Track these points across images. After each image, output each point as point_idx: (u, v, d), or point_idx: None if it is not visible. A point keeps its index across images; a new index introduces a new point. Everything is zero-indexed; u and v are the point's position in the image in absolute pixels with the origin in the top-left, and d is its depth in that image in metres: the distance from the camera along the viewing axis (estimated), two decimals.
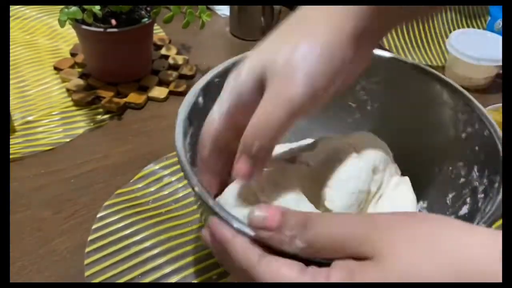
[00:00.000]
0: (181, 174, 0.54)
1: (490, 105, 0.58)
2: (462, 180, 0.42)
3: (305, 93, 0.31)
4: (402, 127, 0.47)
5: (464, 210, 0.40)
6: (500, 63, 0.70)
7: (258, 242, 0.27)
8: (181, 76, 0.72)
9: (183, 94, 0.68)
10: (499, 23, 0.82)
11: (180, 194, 0.53)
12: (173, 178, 0.55)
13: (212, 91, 0.40)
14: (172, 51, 0.76)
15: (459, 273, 0.23)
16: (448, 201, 0.43)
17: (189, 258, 0.46)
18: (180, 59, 0.74)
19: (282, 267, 0.26)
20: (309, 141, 0.45)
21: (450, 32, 0.83)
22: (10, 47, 0.73)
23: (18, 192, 0.52)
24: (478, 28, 0.88)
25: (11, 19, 0.80)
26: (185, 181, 0.54)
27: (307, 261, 0.26)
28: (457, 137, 0.43)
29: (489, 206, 0.36)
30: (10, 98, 0.64)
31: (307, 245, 0.26)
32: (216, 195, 0.37)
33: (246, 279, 0.27)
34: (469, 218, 0.38)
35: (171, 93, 0.68)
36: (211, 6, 0.90)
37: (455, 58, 0.71)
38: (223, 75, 0.40)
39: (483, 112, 0.41)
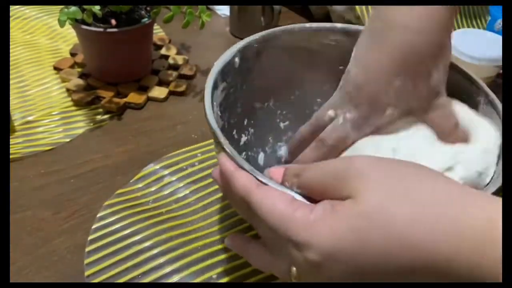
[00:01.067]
0: (181, 174, 0.55)
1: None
2: None
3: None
4: None
5: None
6: (500, 63, 0.70)
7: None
8: (181, 76, 0.72)
9: (183, 94, 0.68)
10: (499, 23, 0.82)
11: (181, 194, 0.53)
12: (174, 178, 0.55)
13: (249, 54, 0.45)
14: (172, 51, 0.76)
15: (434, 225, 0.24)
16: None
17: (189, 258, 0.46)
18: (180, 59, 0.74)
19: (275, 196, 0.29)
20: None
21: None
22: (10, 47, 0.73)
23: (18, 192, 0.52)
24: (478, 28, 0.88)
25: (11, 19, 0.80)
26: (185, 181, 0.54)
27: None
28: None
29: None
30: (10, 98, 0.64)
31: (300, 190, 0.30)
32: None
33: (244, 208, 0.31)
34: None
35: (171, 93, 0.68)
36: (211, 6, 0.90)
37: (455, 58, 0.71)
38: (262, 41, 0.46)
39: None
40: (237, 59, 0.44)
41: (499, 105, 0.42)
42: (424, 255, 0.24)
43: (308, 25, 0.48)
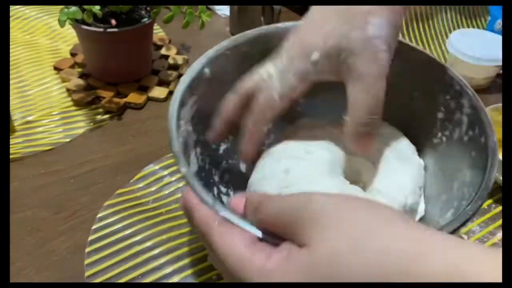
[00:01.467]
0: (181, 174, 0.55)
1: (490, 105, 0.58)
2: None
3: (388, 64, 0.34)
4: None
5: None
6: (500, 63, 0.70)
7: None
8: (181, 76, 0.71)
9: None
10: (499, 23, 0.82)
11: (181, 194, 0.53)
12: (173, 178, 0.55)
13: (220, 63, 0.42)
14: (172, 51, 0.76)
15: (386, 274, 0.23)
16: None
17: (190, 258, 0.46)
18: (180, 59, 0.74)
19: (234, 237, 0.28)
20: None
21: (450, 32, 0.83)
22: (10, 47, 0.73)
23: (18, 192, 0.52)
24: (478, 28, 0.88)
25: (11, 19, 0.80)
26: (185, 181, 0.54)
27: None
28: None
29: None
30: (10, 98, 0.64)
31: (259, 227, 0.28)
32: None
33: (205, 242, 0.30)
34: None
35: (171, 93, 0.68)
36: (211, 6, 0.90)
37: (455, 58, 0.71)
38: (233, 49, 0.44)
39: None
40: (207, 70, 0.42)
41: (483, 110, 0.40)
42: None
43: (269, 27, 0.47)
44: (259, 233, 0.28)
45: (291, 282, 0.25)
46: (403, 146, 0.44)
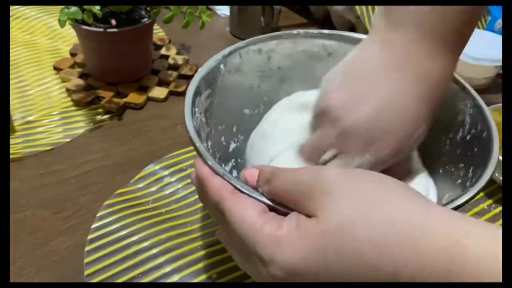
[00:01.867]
0: (181, 174, 0.55)
1: (490, 105, 0.58)
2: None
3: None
4: None
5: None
6: (500, 63, 0.70)
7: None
8: (181, 76, 0.72)
9: (183, 94, 0.68)
10: (499, 23, 0.82)
11: (180, 194, 0.53)
12: (173, 179, 0.55)
13: (233, 61, 0.45)
14: (172, 51, 0.76)
15: (389, 243, 0.24)
16: None
17: (189, 258, 0.46)
18: (180, 59, 0.74)
19: (247, 205, 0.29)
20: None
21: None
22: (10, 47, 0.73)
23: (18, 192, 0.52)
24: (478, 28, 0.88)
25: (11, 19, 0.80)
26: (185, 182, 0.54)
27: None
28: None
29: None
30: (10, 98, 0.64)
31: (271, 197, 0.30)
32: None
33: (217, 214, 0.31)
34: None
35: (171, 93, 0.68)
36: (211, 6, 0.90)
37: None
38: (246, 46, 0.46)
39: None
40: (222, 66, 0.44)
41: (486, 111, 0.41)
42: (385, 273, 0.24)
43: (301, 31, 0.48)
44: (269, 203, 0.30)
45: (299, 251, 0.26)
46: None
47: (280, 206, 0.29)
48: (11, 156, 0.55)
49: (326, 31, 0.48)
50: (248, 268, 0.31)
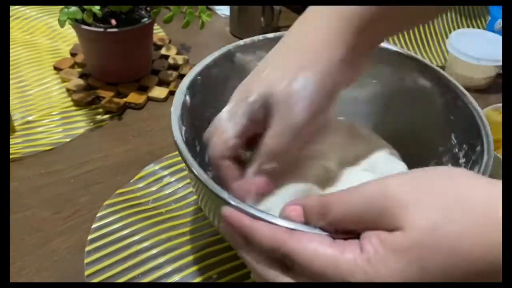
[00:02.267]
0: (181, 174, 0.55)
1: (490, 105, 0.58)
2: (441, 148, 0.44)
3: (305, 118, 0.35)
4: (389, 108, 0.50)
5: None
6: (500, 63, 0.70)
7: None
8: (181, 76, 0.72)
9: None
10: (499, 23, 0.82)
11: (180, 194, 0.53)
12: (173, 179, 0.55)
13: (196, 89, 0.43)
14: (172, 51, 0.76)
15: (477, 231, 0.24)
16: None
17: (189, 258, 0.46)
18: (180, 59, 0.74)
19: (313, 240, 0.28)
20: None
21: (450, 32, 0.83)
22: (10, 47, 0.73)
23: (18, 192, 0.52)
24: (478, 28, 0.88)
25: (11, 19, 0.80)
26: (185, 181, 0.54)
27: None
28: (432, 108, 0.46)
29: (476, 168, 0.37)
30: (10, 98, 0.64)
31: (332, 227, 0.28)
32: None
33: (273, 264, 0.29)
34: None
35: (171, 93, 0.68)
36: (211, 6, 0.90)
37: (455, 58, 0.71)
38: (205, 72, 0.44)
39: (454, 83, 0.44)
40: (187, 98, 0.42)
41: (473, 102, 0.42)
42: (481, 259, 0.24)
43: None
44: (325, 234, 0.28)
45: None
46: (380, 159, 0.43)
47: (343, 234, 0.28)
48: (11, 156, 0.55)
49: None
50: None
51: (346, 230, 0.28)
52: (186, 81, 0.43)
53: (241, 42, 0.48)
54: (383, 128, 0.48)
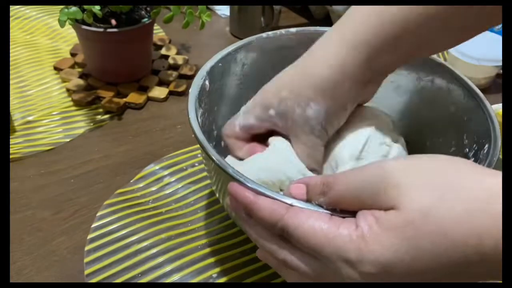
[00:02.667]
0: (181, 174, 0.55)
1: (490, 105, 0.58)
2: (453, 149, 0.44)
3: (322, 135, 0.40)
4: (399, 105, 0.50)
5: None
6: (500, 63, 0.70)
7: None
8: (181, 76, 0.72)
9: (183, 94, 0.68)
10: None
11: (180, 194, 0.53)
12: (173, 179, 0.55)
13: (216, 74, 0.45)
14: (172, 51, 0.76)
15: (470, 218, 0.25)
16: None
17: (189, 257, 0.46)
18: (180, 59, 0.74)
19: (312, 216, 0.29)
20: None
21: None
22: (10, 47, 0.73)
23: (18, 192, 0.52)
24: None
25: (11, 19, 0.80)
26: (185, 181, 0.54)
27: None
28: (446, 110, 0.46)
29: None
30: (10, 98, 0.64)
31: (332, 205, 0.30)
32: None
33: (270, 235, 0.31)
34: None
35: (171, 93, 0.68)
36: (211, 6, 0.90)
37: (455, 58, 0.71)
38: (226, 59, 0.47)
39: (469, 83, 0.45)
40: (207, 82, 0.44)
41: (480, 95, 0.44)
42: (472, 246, 0.25)
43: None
44: (326, 211, 0.30)
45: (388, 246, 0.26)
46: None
47: (341, 212, 0.29)
48: (11, 156, 0.56)
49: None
50: (326, 278, 0.30)
51: (344, 210, 0.29)
52: (207, 66, 0.45)
53: (263, 34, 0.49)
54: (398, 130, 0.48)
